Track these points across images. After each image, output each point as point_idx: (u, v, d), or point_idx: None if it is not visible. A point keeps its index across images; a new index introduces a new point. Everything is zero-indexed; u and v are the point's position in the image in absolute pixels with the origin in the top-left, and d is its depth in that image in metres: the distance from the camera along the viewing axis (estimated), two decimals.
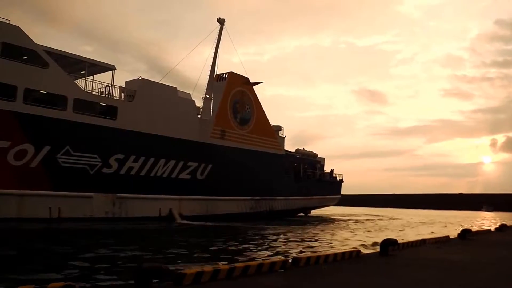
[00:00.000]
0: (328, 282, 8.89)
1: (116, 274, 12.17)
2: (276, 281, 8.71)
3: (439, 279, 9.56)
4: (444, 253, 14.48)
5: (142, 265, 7.45)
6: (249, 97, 43.72)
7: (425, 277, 9.71)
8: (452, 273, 10.52)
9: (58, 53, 28.74)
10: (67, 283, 6.30)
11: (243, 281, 8.46)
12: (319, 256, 11.56)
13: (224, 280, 8.34)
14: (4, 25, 25.73)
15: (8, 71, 24.95)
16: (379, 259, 12.69)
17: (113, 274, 12.16)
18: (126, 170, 30.91)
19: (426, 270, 10.69)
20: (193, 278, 7.87)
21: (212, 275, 8.24)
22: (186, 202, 35.13)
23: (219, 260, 15.21)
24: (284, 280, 8.82)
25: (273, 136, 46.65)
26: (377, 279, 9.30)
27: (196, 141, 36.31)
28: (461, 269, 11.13)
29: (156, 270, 7.33)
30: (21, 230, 23.22)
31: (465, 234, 20.60)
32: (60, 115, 27.35)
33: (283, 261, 10.26)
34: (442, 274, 10.29)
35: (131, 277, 8.07)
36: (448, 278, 9.72)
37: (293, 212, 49.66)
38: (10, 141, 24.97)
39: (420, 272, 10.39)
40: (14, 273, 11.45)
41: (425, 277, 9.79)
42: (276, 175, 45.75)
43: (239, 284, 8.22)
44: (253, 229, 30.23)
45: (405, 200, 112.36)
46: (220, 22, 42.81)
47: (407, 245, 15.94)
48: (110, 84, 31.45)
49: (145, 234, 25.88)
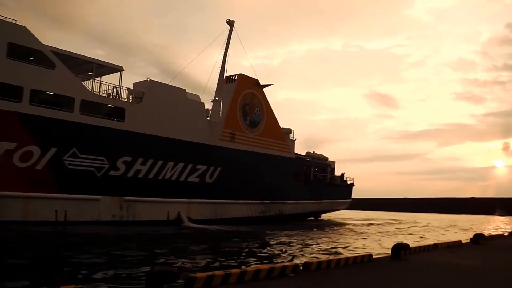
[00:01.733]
0: (339, 286, 8.82)
1: (127, 278, 12.01)
2: (287, 285, 8.65)
3: (452, 284, 9.43)
4: (456, 257, 14.34)
5: (153, 269, 7.45)
6: (259, 99, 43.08)
7: (437, 282, 9.55)
8: (465, 278, 10.38)
9: (65, 53, 28.34)
10: (78, 286, 6.31)
11: (254, 285, 8.43)
12: (331, 260, 11.45)
13: (235, 284, 8.32)
14: (11, 25, 25.40)
15: (14, 72, 24.60)
16: (391, 264, 12.58)
17: (123, 278, 12.02)
18: (134, 172, 30.41)
19: (438, 275, 10.55)
20: (204, 282, 7.85)
21: (223, 278, 8.23)
22: (195, 205, 34.56)
23: (230, 264, 15.13)
24: (295, 285, 8.75)
25: (283, 139, 45.94)
26: (389, 284, 9.24)
27: (205, 143, 35.75)
28: (474, 274, 11.03)
29: (167, 274, 7.31)
30: (28, 233, 22.77)
31: (478, 238, 20.38)
32: (67, 116, 26.93)
33: (294, 265, 10.13)
34: (454, 278, 10.17)
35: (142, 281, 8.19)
36: (460, 283, 9.60)
37: (303, 216, 48.89)
38: (16, 142, 24.57)
39: (432, 277, 10.24)
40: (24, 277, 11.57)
41: (437, 281, 9.63)
42: (286, 178, 45.02)
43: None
44: (264, 233, 29.69)
45: (417, 204, 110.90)
46: (229, 24, 42.38)
47: (419, 249, 15.79)
48: (118, 86, 31.00)
49: (154, 238, 25.41)
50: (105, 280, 11.55)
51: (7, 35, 24.83)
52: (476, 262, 13.33)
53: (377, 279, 9.79)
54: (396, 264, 12.37)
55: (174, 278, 7.39)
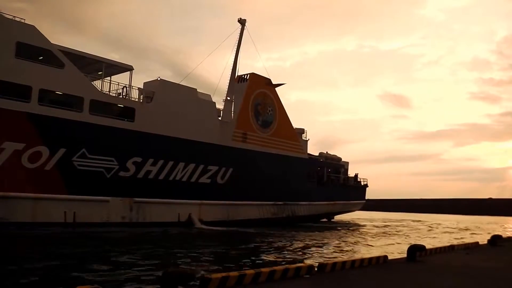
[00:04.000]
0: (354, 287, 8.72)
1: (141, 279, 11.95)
2: (301, 286, 8.58)
3: (468, 286, 9.25)
4: (473, 259, 14.21)
5: (167, 270, 7.41)
6: (271, 99, 42.40)
7: (453, 284, 9.42)
8: (481, 280, 10.12)
9: (74, 53, 27.97)
10: (93, 286, 6.27)
11: (268, 286, 8.43)
12: (345, 261, 11.41)
13: (249, 285, 8.35)
14: (19, 25, 25.10)
15: (22, 71, 24.29)
16: (406, 265, 12.47)
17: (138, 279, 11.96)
18: (144, 173, 29.95)
19: (455, 277, 10.40)
20: (219, 283, 7.88)
21: (238, 279, 8.27)
22: (206, 207, 34.01)
23: (244, 265, 15.08)
24: (310, 286, 8.70)
25: (296, 139, 45.19)
26: (404, 285, 9.11)
27: (216, 144, 35.20)
28: (491, 276, 10.77)
29: (182, 275, 7.31)
30: (38, 235, 22.50)
31: (496, 240, 20.12)
32: (76, 116, 26.58)
33: (309, 266, 10.08)
34: (471, 281, 9.94)
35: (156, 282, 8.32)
36: (477, 286, 9.40)
37: (316, 217, 48.09)
38: (24, 143, 24.24)
39: (448, 279, 10.05)
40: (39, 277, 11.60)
41: (453, 284, 9.47)
42: (299, 179, 44.28)
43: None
44: (277, 234, 29.14)
45: (433, 205, 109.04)
46: (241, 23, 41.98)
47: (435, 251, 15.74)
48: (127, 85, 30.56)
49: (166, 239, 25.05)
50: (120, 280, 11.51)
51: (16, 35, 24.54)
52: (494, 264, 13.05)
53: (392, 280, 9.69)
54: (412, 266, 12.23)
55: (189, 279, 7.40)
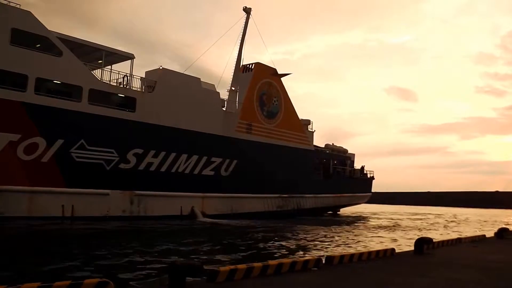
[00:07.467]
0: (362, 280, 8.71)
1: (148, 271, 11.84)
2: (309, 279, 8.56)
3: (476, 279, 9.18)
4: (481, 252, 14.19)
5: (175, 262, 7.42)
6: (277, 89, 41.32)
7: (460, 277, 9.41)
8: (490, 273, 10.04)
9: (73, 40, 26.94)
10: (102, 279, 6.20)
11: (276, 279, 8.40)
12: (353, 254, 11.40)
13: (257, 277, 8.32)
14: (14, 10, 24.07)
15: (18, 59, 23.38)
16: (413, 258, 12.51)
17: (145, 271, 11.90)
18: (145, 165, 29.09)
19: (462, 270, 10.40)
20: (227, 275, 7.89)
21: (246, 272, 8.27)
22: (209, 200, 33.20)
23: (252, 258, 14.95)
24: (317, 279, 8.67)
25: (301, 131, 44.17)
26: (412, 279, 9.05)
27: (220, 135, 34.28)
28: (499, 269, 10.75)
29: (190, 267, 7.28)
30: (37, 230, 21.69)
31: (503, 233, 20.04)
32: (75, 106, 25.69)
33: (317, 259, 10.10)
34: (478, 274, 9.87)
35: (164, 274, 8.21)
36: (485, 278, 9.32)
37: (322, 210, 47.33)
38: (20, 134, 23.37)
39: (455, 272, 10.08)
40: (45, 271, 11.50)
41: (461, 276, 9.46)
42: (304, 171, 43.38)
43: (273, 282, 8.14)
44: (283, 227, 28.48)
45: (440, 198, 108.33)
46: (246, 12, 41.14)
47: (442, 244, 15.78)
48: (128, 74, 29.55)
49: (171, 233, 24.30)
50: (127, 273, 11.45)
51: (11, 21, 23.56)
52: (503, 257, 13.05)
53: (400, 273, 9.66)
54: (419, 259, 12.30)
55: (197, 271, 7.39)
